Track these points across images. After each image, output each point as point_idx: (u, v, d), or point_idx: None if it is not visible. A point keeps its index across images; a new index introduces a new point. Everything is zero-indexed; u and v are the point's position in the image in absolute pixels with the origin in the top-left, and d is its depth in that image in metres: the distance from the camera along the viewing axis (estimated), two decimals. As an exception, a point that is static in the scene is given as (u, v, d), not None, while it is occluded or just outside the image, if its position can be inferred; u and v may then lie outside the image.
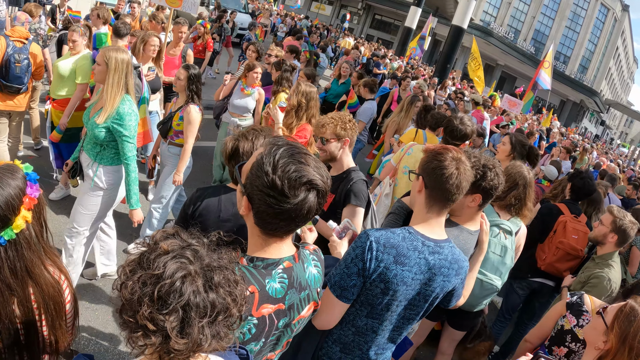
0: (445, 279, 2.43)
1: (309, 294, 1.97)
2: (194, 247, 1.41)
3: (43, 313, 2.15)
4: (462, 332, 4.10)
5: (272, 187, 1.64)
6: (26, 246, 2.07)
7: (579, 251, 5.00)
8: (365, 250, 2.31)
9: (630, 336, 2.31)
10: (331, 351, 2.58)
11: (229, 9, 19.43)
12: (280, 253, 1.84)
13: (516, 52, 55.41)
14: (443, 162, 2.38)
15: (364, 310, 2.44)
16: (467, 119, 4.63)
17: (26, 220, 2.03)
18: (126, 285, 1.31)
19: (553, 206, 5.34)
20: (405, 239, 2.35)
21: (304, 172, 1.66)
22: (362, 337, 2.52)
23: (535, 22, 60.69)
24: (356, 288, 2.35)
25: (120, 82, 4.00)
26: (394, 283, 2.31)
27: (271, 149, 1.70)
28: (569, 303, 3.13)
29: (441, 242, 2.43)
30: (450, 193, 2.36)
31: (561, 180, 6.21)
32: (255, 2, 31.68)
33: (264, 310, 1.77)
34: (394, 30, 59.57)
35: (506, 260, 3.71)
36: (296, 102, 5.19)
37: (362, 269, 2.31)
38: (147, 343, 1.30)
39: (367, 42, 31.77)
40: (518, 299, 5.45)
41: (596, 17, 62.46)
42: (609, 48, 66.70)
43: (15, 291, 2.05)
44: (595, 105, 66.29)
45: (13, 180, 2.00)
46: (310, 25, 28.19)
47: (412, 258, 2.32)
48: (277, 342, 1.95)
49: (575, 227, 5.07)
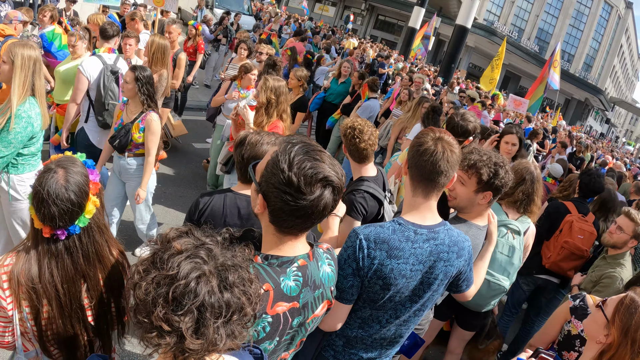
0: (447, 264, 2.37)
1: (322, 292, 1.97)
2: (207, 245, 1.40)
3: (112, 296, 2.22)
4: (471, 332, 4.09)
5: (289, 184, 1.64)
6: (97, 230, 2.16)
7: (584, 251, 4.97)
8: (357, 249, 2.25)
9: (632, 329, 2.28)
10: (334, 344, 2.55)
11: (233, 11, 19.47)
12: (295, 251, 1.84)
13: (520, 50, 55.25)
14: (421, 139, 2.33)
15: (367, 306, 2.40)
16: (470, 115, 4.61)
17: (95, 205, 2.11)
18: (140, 285, 1.31)
19: (560, 204, 5.30)
20: (395, 232, 2.27)
21: (320, 168, 1.66)
22: (366, 332, 2.47)
23: (539, 20, 60.52)
24: (354, 288, 2.29)
25: (26, 82, 3.56)
26: (392, 278, 2.25)
27: (286, 147, 1.71)
28: (573, 307, 3.09)
29: (435, 226, 2.35)
30: (426, 170, 2.27)
31: (571, 179, 6.20)
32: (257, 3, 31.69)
33: (279, 309, 1.77)
34: (398, 30, 59.45)
35: (514, 261, 3.69)
36: (265, 99, 4.92)
37: (356, 268, 2.25)
38: (161, 343, 1.30)
39: (373, 43, 31.68)
40: (523, 294, 5.45)
41: (600, 15, 62.22)
42: (613, 46, 66.43)
43: (88, 277, 2.12)
44: (600, 103, 66.05)
45: (78, 168, 2.08)
46: (315, 26, 28.18)
47: (406, 250, 2.25)
48: (292, 341, 1.95)
49: (582, 227, 5.03)
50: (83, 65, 5.33)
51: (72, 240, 2.07)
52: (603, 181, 5.45)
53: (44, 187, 1.97)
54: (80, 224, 2.06)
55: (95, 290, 2.16)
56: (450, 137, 2.37)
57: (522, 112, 15.29)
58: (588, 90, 60.03)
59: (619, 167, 16.24)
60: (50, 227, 2.00)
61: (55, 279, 2.03)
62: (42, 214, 1.97)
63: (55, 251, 2.05)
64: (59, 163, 2.07)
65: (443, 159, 2.26)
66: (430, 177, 2.29)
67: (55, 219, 1.98)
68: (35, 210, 1.99)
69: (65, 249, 2.07)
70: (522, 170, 3.97)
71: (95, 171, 2.16)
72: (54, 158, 2.11)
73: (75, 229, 2.05)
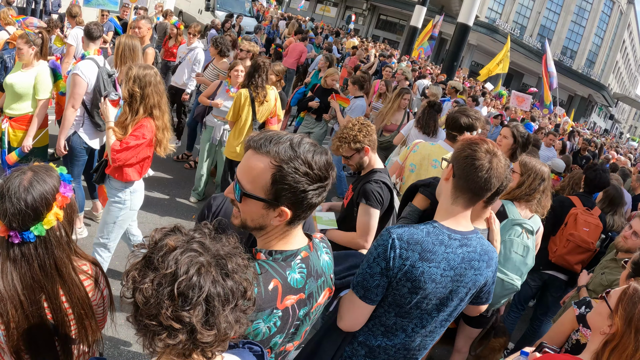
0: (477, 272, 2.34)
1: (324, 280, 1.97)
2: (197, 239, 1.39)
3: (72, 311, 2.18)
4: (478, 329, 4.07)
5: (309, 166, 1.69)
6: (56, 244, 2.12)
7: (590, 244, 4.95)
8: (388, 248, 2.21)
9: (635, 318, 2.25)
10: (356, 354, 2.49)
11: (234, 13, 19.52)
12: (297, 244, 1.85)
13: (522, 48, 55.13)
14: (476, 152, 2.29)
15: (392, 310, 2.34)
16: (472, 111, 4.58)
17: (57, 218, 2.08)
18: (140, 289, 1.29)
19: (565, 199, 5.29)
20: (429, 234, 2.25)
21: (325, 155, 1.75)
22: (391, 340, 2.42)
23: (541, 17, 60.41)
24: (380, 288, 2.26)
25: None
26: (422, 281, 2.21)
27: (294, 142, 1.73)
28: (579, 315, 3.03)
29: (468, 233, 2.33)
30: (477, 186, 2.26)
31: (572, 174, 6.15)
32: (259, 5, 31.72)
33: (288, 302, 1.77)
34: (400, 30, 59.46)
35: (527, 261, 3.70)
36: (127, 91, 4.10)
37: (385, 268, 2.22)
38: (172, 343, 1.29)
39: (374, 43, 31.69)
40: (530, 290, 5.42)
41: (602, 11, 62.09)
42: (616, 41, 66.28)
43: (45, 288, 2.09)
44: (603, 99, 65.91)
45: (49, 178, 2.07)
46: (315, 27, 28.19)
47: (438, 253, 2.22)
48: (296, 332, 1.93)
49: (587, 219, 5.01)
50: (81, 70, 5.16)
51: (27, 248, 2.04)
52: (608, 176, 5.43)
53: (7, 183, 1.98)
54: (35, 231, 2.02)
55: (54, 303, 2.12)
56: (500, 152, 2.36)
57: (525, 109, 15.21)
58: (591, 86, 59.92)
59: (624, 163, 16.17)
60: (5, 226, 1.99)
61: (16, 284, 2.02)
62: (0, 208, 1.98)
63: (12, 255, 2.03)
64: (32, 167, 2.07)
65: (495, 176, 2.27)
66: (479, 193, 2.31)
67: (8, 217, 1.97)
68: None
69: (22, 255, 2.04)
70: (530, 169, 3.95)
71: (70, 187, 2.14)
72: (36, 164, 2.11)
73: (30, 235, 2.02)
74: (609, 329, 2.32)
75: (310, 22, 30.46)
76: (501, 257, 3.68)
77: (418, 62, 27.91)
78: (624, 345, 2.22)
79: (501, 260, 3.68)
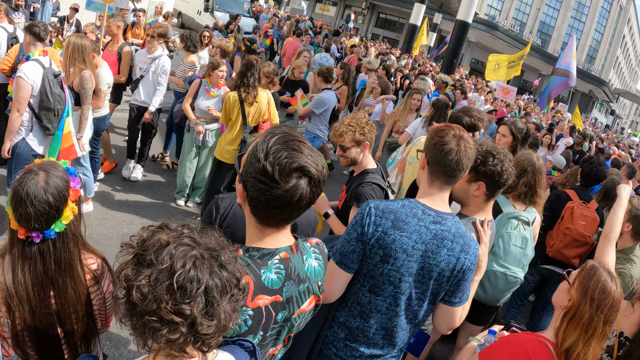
0: (450, 253, 2.38)
1: (308, 286, 1.94)
2: (187, 234, 1.40)
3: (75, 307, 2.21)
4: (479, 326, 4.08)
5: (264, 173, 1.64)
6: (71, 239, 2.15)
7: (586, 237, 4.96)
8: (365, 215, 2.38)
9: (590, 289, 2.36)
10: (337, 337, 2.56)
11: (234, 13, 19.53)
12: (277, 243, 1.83)
13: (523, 45, 54.99)
14: (444, 138, 2.43)
15: (366, 284, 2.43)
16: (476, 111, 4.59)
17: (73, 212, 2.11)
18: (136, 287, 1.29)
19: (561, 192, 5.30)
20: (404, 206, 2.39)
21: (296, 158, 1.66)
22: (367, 321, 2.48)
23: (540, 14, 60.23)
24: (355, 255, 2.38)
25: None
26: (393, 249, 2.32)
27: (266, 137, 1.72)
28: None
29: (444, 213, 2.44)
30: (449, 168, 2.40)
31: (573, 169, 6.17)
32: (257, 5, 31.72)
33: (260, 302, 1.75)
34: (399, 28, 59.35)
35: (527, 252, 3.73)
36: None
37: (360, 233, 2.37)
38: (173, 337, 1.29)
39: (373, 42, 31.69)
40: (528, 285, 5.42)
41: (601, 7, 61.87)
42: (616, 37, 66.08)
43: (57, 284, 2.11)
44: (604, 95, 65.72)
45: (61, 174, 2.09)
46: (313, 26, 28.20)
47: (411, 224, 2.34)
48: (278, 336, 1.93)
49: (583, 212, 5.03)
50: (25, 72, 4.88)
51: (47, 245, 2.07)
52: (605, 169, 5.44)
53: (24, 187, 1.98)
54: (56, 228, 2.05)
55: (63, 298, 2.15)
56: (467, 135, 2.50)
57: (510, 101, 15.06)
58: (592, 82, 59.71)
59: (624, 158, 16.16)
60: (26, 228, 2.00)
61: (27, 282, 2.04)
62: (18, 214, 1.98)
63: (29, 254, 2.05)
64: (41, 166, 2.08)
65: (465, 156, 2.40)
66: (453, 174, 2.43)
67: (31, 221, 1.98)
68: (13, 210, 2.00)
69: (39, 253, 2.06)
70: (523, 161, 3.98)
71: (77, 179, 2.17)
72: (37, 162, 2.12)
73: (51, 233, 2.05)
74: (568, 302, 2.42)
75: (309, 22, 30.45)
76: (501, 251, 3.70)
77: (419, 60, 27.90)
78: (580, 315, 2.34)
79: (501, 254, 3.70)
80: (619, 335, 2.87)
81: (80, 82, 5.57)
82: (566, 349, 2.32)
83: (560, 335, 2.37)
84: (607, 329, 2.36)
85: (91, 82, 5.65)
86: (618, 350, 2.85)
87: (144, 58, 7.30)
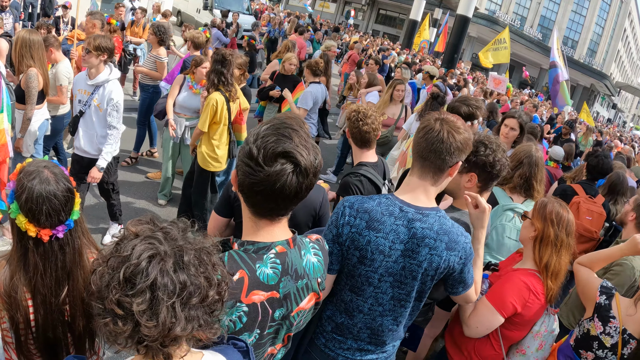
0: (433, 252, 2.23)
1: (307, 283, 1.87)
2: (166, 229, 1.37)
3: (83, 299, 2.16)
4: None
5: (249, 156, 1.62)
6: (80, 228, 2.15)
7: (593, 233, 4.87)
8: (339, 215, 2.27)
9: (548, 213, 2.90)
10: (325, 329, 2.51)
11: (232, 10, 19.47)
12: (273, 237, 1.77)
13: (523, 39, 54.96)
14: (427, 121, 2.29)
15: (348, 283, 2.35)
16: (473, 100, 4.53)
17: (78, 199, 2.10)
18: (95, 271, 1.29)
19: (567, 187, 5.24)
20: (380, 204, 2.24)
21: (282, 143, 1.61)
22: (352, 319, 2.41)
23: (541, 7, 60.20)
24: (334, 256, 2.29)
25: None
26: (369, 251, 2.21)
27: (263, 124, 1.69)
28: (598, 304, 2.99)
29: (425, 209, 2.25)
30: (420, 147, 2.24)
31: (583, 165, 6.10)
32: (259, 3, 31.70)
33: (255, 297, 1.69)
34: (400, 24, 59.40)
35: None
36: None
37: (336, 235, 2.28)
38: (117, 331, 1.25)
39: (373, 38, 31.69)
40: None
41: (602, 0, 61.84)
42: (617, 30, 66.02)
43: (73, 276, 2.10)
44: (606, 88, 65.70)
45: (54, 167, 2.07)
46: (313, 22, 28.17)
47: (387, 224, 2.20)
48: (276, 335, 1.87)
49: (590, 208, 4.94)
50: None
51: (66, 237, 2.05)
52: (611, 162, 5.37)
53: (33, 188, 1.94)
54: (74, 217, 2.05)
55: (75, 289, 2.12)
56: (454, 118, 2.30)
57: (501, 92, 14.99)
58: (593, 76, 59.70)
59: (628, 151, 16.12)
60: (49, 226, 1.97)
61: (48, 283, 2.01)
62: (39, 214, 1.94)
63: (50, 253, 2.01)
64: (35, 165, 2.04)
65: (437, 138, 2.19)
66: (423, 155, 2.24)
67: (56, 215, 1.97)
68: (29, 215, 1.95)
69: (59, 248, 2.04)
70: (520, 153, 3.92)
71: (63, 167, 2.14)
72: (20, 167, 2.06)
73: (71, 223, 2.04)
74: (534, 232, 2.93)
75: (308, 19, 30.40)
76: (494, 243, 3.64)
77: (418, 55, 27.87)
78: (547, 235, 2.88)
79: (494, 246, 3.64)
80: (622, 333, 2.83)
81: (25, 81, 5.20)
82: (545, 265, 2.87)
83: (537, 258, 2.91)
84: (570, 240, 2.93)
85: (36, 80, 5.22)
86: (622, 347, 2.83)
87: (83, 85, 5.01)
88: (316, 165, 1.68)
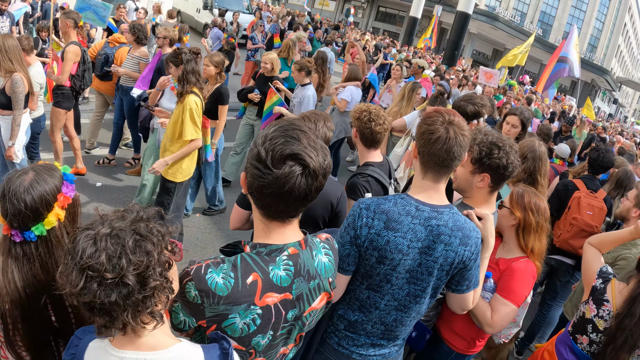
0: (448, 248, 2.29)
1: (319, 283, 1.89)
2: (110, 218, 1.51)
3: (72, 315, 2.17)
4: None
5: (258, 158, 1.63)
6: (56, 245, 2.10)
7: (594, 227, 4.88)
8: (356, 217, 2.28)
9: (526, 204, 3.08)
10: (337, 328, 2.53)
11: (232, 10, 19.46)
12: (285, 239, 1.79)
13: (523, 35, 54.77)
14: (432, 126, 2.29)
15: (365, 282, 2.37)
16: (478, 98, 4.55)
17: (58, 218, 2.07)
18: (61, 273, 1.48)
19: (569, 182, 5.25)
20: (397, 204, 2.27)
21: (292, 145, 1.62)
22: (366, 316, 2.43)
23: (541, 3, 60.01)
24: (351, 258, 2.31)
25: None
26: (388, 250, 2.24)
27: (271, 126, 1.70)
28: (594, 287, 3.09)
29: (439, 207, 2.31)
30: (440, 158, 2.25)
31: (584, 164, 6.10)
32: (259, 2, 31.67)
33: (269, 300, 1.71)
34: (400, 21, 59.28)
35: None
36: None
37: (353, 237, 2.28)
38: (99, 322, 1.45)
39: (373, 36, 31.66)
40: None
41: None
42: (617, 25, 65.80)
43: (47, 288, 2.06)
44: (606, 83, 65.47)
45: (50, 178, 2.06)
46: (312, 20, 28.14)
47: (404, 223, 2.23)
48: (289, 335, 1.89)
49: (590, 202, 4.95)
50: None
51: (29, 247, 2.04)
52: (612, 156, 5.38)
53: (9, 183, 1.98)
54: (36, 231, 2.02)
55: (58, 303, 2.12)
56: (458, 118, 2.33)
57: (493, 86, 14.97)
58: (594, 71, 59.47)
59: (629, 146, 16.09)
60: (8, 225, 2.00)
61: (16, 281, 2.02)
62: (2, 208, 1.99)
63: (14, 253, 2.03)
64: (34, 167, 2.07)
65: (457, 144, 2.25)
66: (444, 164, 2.28)
67: (8, 216, 1.98)
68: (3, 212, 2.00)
69: (24, 254, 2.04)
70: (524, 148, 3.94)
71: (72, 186, 2.14)
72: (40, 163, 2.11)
73: (31, 235, 2.02)
74: (514, 221, 3.10)
75: (307, 17, 30.37)
76: None
77: (418, 52, 27.84)
78: (529, 223, 3.06)
79: None
80: (615, 317, 2.90)
81: (11, 86, 5.17)
82: (531, 249, 3.08)
83: (523, 245, 3.10)
84: (546, 224, 3.15)
85: (23, 85, 5.20)
86: None
87: None
88: (325, 166, 1.69)
